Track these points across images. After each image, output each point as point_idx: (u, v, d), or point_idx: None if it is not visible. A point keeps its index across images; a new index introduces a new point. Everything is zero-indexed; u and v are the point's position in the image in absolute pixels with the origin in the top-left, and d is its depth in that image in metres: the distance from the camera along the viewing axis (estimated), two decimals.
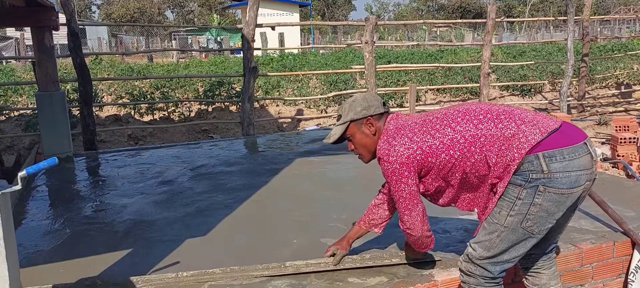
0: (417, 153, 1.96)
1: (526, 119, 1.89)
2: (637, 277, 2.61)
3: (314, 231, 2.98)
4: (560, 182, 1.81)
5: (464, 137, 1.92)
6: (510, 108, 1.98)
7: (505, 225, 1.89)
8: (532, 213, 1.85)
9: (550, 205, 1.84)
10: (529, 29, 32.19)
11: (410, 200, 2.02)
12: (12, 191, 1.78)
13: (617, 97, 12.24)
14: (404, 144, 1.97)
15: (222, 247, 2.82)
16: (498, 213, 1.91)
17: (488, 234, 1.94)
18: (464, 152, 1.92)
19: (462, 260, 2.05)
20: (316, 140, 6.01)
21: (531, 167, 1.82)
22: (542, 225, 1.88)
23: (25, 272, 2.44)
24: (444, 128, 1.95)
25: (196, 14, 48.90)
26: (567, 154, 1.81)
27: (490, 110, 1.96)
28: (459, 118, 1.95)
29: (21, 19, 5.47)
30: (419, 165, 1.98)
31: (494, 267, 1.96)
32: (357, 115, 2.12)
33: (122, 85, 10.41)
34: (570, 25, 9.52)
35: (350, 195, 3.77)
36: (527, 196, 1.84)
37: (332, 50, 16.87)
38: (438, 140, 1.94)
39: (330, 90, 11.08)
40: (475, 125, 1.92)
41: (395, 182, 2.00)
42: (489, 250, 1.94)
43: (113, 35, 36.40)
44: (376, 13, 57.37)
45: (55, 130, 5.52)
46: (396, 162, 1.97)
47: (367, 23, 7.99)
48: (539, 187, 1.82)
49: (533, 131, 1.83)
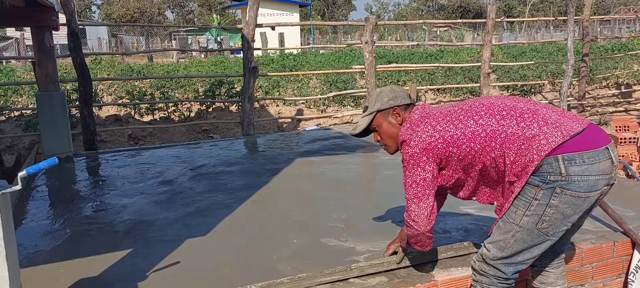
0: (438, 141, 1.96)
1: (550, 119, 1.86)
2: (637, 277, 2.61)
3: (314, 231, 2.98)
4: (578, 185, 1.80)
5: (485, 131, 1.91)
6: (536, 106, 1.94)
7: (521, 225, 1.88)
8: (548, 214, 1.84)
9: (567, 208, 1.83)
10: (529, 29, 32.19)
11: (423, 189, 1.98)
12: (12, 191, 1.78)
13: (617, 97, 12.24)
14: (427, 131, 1.98)
15: (222, 247, 2.82)
16: (514, 213, 1.90)
17: (503, 234, 1.94)
18: (484, 146, 1.92)
19: (475, 260, 2.06)
20: (316, 140, 6.01)
21: (550, 168, 1.81)
22: (557, 227, 1.87)
23: (25, 272, 2.44)
24: (467, 120, 1.95)
25: (196, 14, 48.90)
26: (587, 158, 1.79)
27: (516, 107, 1.93)
28: (483, 111, 1.95)
29: (21, 19, 5.46)
30: (440, 153, 1.97)
31: (508, 267, 1.96)
32: (384, 105, 2.15)
33: (122, 85, 10.41)
34: (570, 25, 9.52)
35: (350, 195, 3.77)
36: (544, 197, 1.83)
37: (332, 50, 16.87)
38: (460, 131, 1.94)
39: (330, 90, 11.08)
40: (498, 120, 1.91)
41: (412, 167, 1.99)
42: (503, 251, 1.93)
43: (113, 35, 36.41)
44: (376, 13, 57.37)
45: (55, 130, 5.52)
46: (417, 146, 1.97)
47: (367, 23, 7.98)
48: (555, 188, 1.81)
49: (554, 133, 1.81)
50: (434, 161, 1.98)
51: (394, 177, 4.21)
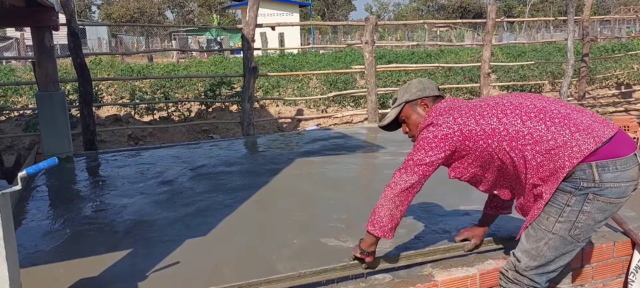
0: (456, 134, 1.97)
1: (581, 125, 1.83)
2: (637, 277, 2.61)
3: (314, 231, 2.98)
4: (610, 192, 1.80)
5: (506, 130, 1.90)
6: (567, 109, 1.91)
7: (554, 232, 1.87)
8: (580, 221, 1.84)
9: (598, 214, 1.83)
10: (529, 29, 32.19)
11: (417, 168, 1.99)
12: (12, 191, 1.78)
13: (617, 97, 12.23)
14: (447, 123, 1.99)
15: (222, 247, 2.82)
16: (546, 220, 1.88)
17: (535, 242, 1.91)
18: (503, 144, 1.90)
19: (507, 269, 2.03)
20: (316, 140, 6.01)
21: (583, 175, 1.80)
22: (588, 233, 1.88)
23: (25, 272, 2.44)
24: (490, 117, 1.94)
25: (196, 14, 48.90)
26: (620, 165, 1.80)
27: (546, 109, 1.90)
28: (509, 110, 1.93)
29: (21, 19, 5.46)
30: (454, 146, 1.98)
31: (541, 277, 1.95)
32: (412, 97, 2.18)
33: (122, 85, 10.41)
34: (570, 25, 9.51)
35: (350, 195, 3.77)
36: (577, 203, 1.82)
37: (332, 50, 16.87)
38: (480, 127, 1.94)
39: (330, 90, 11.08)
40: (523, 121, 1.88)
41: (420, 148, 2.00)
42: (536, 259, 1.92)
43: (113, 36, 36.41)
44: (376, 13, 57.37)
45: (55, 130, 5.52)
46: (433, 133, 1.99)
47: (367, 23, 7.98)
48: (588, 195, 1.81)
49: (587, 140, 1.79)
50: (445, 152, 1.99)
51: None
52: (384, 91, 10.67)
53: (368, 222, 2.10)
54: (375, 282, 2.29)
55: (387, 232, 2.06)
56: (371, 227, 2.07)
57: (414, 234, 2.83)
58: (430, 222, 3.02)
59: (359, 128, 7.12)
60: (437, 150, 1.98)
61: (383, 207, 2.03)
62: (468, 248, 2.39)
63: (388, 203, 2.02)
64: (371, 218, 2.08)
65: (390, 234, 2.07)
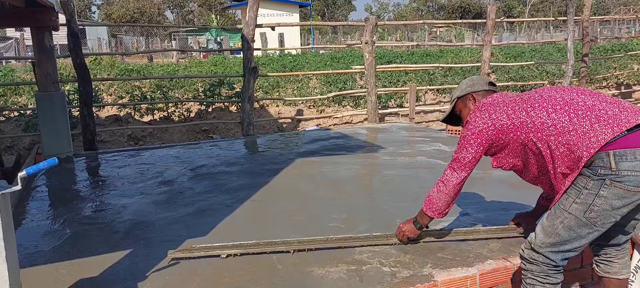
0: (490, 129, 2.17)
1: (605, 115, 1.91)
2: (637, 277, 2.61)
3: (314, 231, 2.98)
4: (628, 180, 1.85)
5: (533, 122, 2.05)
6: (595, 100, 2.00)
7: (570, 211, 1.95)
8: (596, 204, 1.90)
9: (616, 200, 1.87)
10: (528, 29, 32.20)
11: (463, 165, 2.24)
12: (12, 191, 1.78)
13: (617, 97, 12.24)
14: (483, 119, 2.19)
15: None
16: (565, 200, 1.98)
17: (552, 219, 2.01)
18: (530, 136, 2.05)
19: (524, 248, 2.13)
20: (316, 140, 6.01)
21: (601, 163, 1.88)
22: (605, 219, 1.92)
23: (25, 272, 2.44)
24: (520, 111, 2.10)
25: (196, 14, 48.91)
26: (639, 155, 1.84)
27: (573, 100, 2.01)
28: (537, 104, 2.08)
29: (21, 19, 5.46)
30: (490, 140, 2.19)
31: (556, 255, 2.02)
32: (462, 92, 2.39)
33: (122, 85, 10.41)
34: (570, 25, 9.52)
35: (350, 195, 3.77)
36: (594, 187, 1.89)
37: (332, 50, 16.87)
38: (511, 121, 2.12)
39: (330, 90, 11.08)
40: (549, 113, 2.02)
41: (462, 146, 2.24)
42: (551, 237, 2.00)
43: (113, 36, 36.41)
44: (376, 13, 57.36)
45: (55, 130, 5.52)
46: (472, 131, 2.21)
47: (367, 23, 7.98)
48: (606, 180, 1.87)
49: (605, 130, 1.87)
50: (483, 146, 2.21)
51: (394, 177, 4.21)
52: (384, 91, 10.68)
53: (425, 207, 2.41)
54: (375, 282, 2.29)
55: (443, 214, 2.40)
56: (430, 212, 2.39)
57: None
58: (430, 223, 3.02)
59: (359, 128, 7.12)
60: (476, 146, 2.21)
61: (440, 199, 2.33)
62: (520, 232, 2.65)
63: (444, 197, 2.32)
64: (429, 205, 2.38)
65: (445, 215, 2.42)
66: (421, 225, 2.51)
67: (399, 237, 2.61)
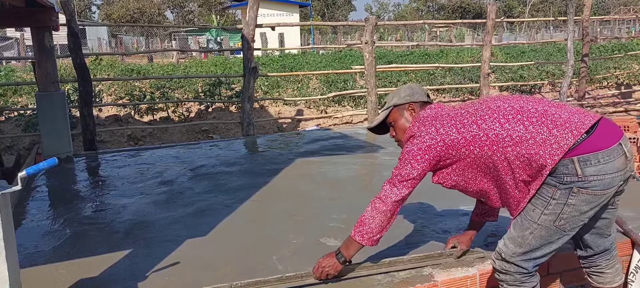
0: (439, 144, 2.01)
1: (559, 120, 1.86)
2: (637, 277, 2.61)
3: (314, 231, 2.98)
4: (594, 185, 1.82)
5: (486, 135, 1.94)
6: (545, 105, 1.95)
7: (539, 222, 1.91)
8: (565, 212, 1.87)
9: (583, 205, 1.86)
10: (528, 29, 32.20)
11: (406, 181, 2.04)
12: (12, 191, 1.78)
13: (617, 97, 12.24)
14: (430, 133, 2.03)
15: (222, 247, 2.82)
16: (532, 211, 1.93)
17: (521, 231, 1.96)
18: (485, 150, 1.94)
19: (494, 259, 2.07)
20: (316, 140, 6.01)
21: (566, 170, 1.83)
22: (574, 223, 1.90)
23: (25, 272, 2.44)
24: (470, 124, 1.98)
25: (196, 14, 48.90)
26: (602, 158, 1.81)
27: (523, 108, 1.93)
28: (487, 115, 1.96)
29: (21, 19, 5.46)
30: (438, 156, 2.03)
31: (527, 263, 1.98)
32: (400, 101, 2.22)
33: (122, 85, 10.41)
34: (570, 25, 9.51)
35: (350, 195, 3.77)
36: (562, 196, 1.86)
37: (332, 50, 16.87)
38: (461, 135, 1.98)
39: (330, 90, 11.08)
40: (502, 124, 1.92)
41: (406, 162, 2.05)
42: (521, 246, 1.96)
43: (113, 36, 36.41)
44: (376, 13, 57.35)
45: (55, 130, 5.52)
46: (417, 146, 2.03)
47: (367, 23, 7.98)
48: (573, 188, 1.83)
49: (565, 135, 1.82)
50: (430, 162, 2.04)
51: None
52: (384, 91, 10.67)
53: (354, 232, 2.12)
54: (375, 282, 2.29)
55: (375, 241, 2.12)
56: (359, 237, 2.10)
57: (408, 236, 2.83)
58: (430, 222, 3.02)
59: (359, 128, 7.12)
60: (423, 162, 2.03)
61: (374, 219, 2.08)
62: (457, 255, 2.43)
63: (379, 216, 2.07)
64: (359, 228, 2.11)
65: (376, 243, 2.13)
66: (345, 258, 2.17)
67: (316, 274, 2.23)
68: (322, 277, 2.22)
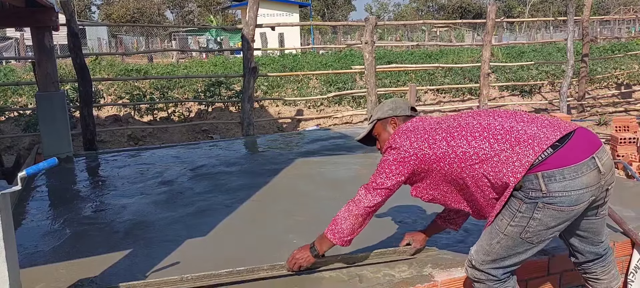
0: (412, 158, 2.06)
1: (523, 136, 1.86)
2: (636, 277, 2.61)
3: (314, 231, 2.96)
4: (560, 201, 1.80)
5: (454, 153, 1.96)
6: (513, 121, 1.94)
7: (505, 233, 1.91)
8: (531, 226, 1.86)
9: (550, 221, 1.84)
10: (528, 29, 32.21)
11: (380, 190, 2.12)
12: (12, 191, 1.78)
13: (617, 97, 12.24)
14: (404, 146, 2.07)
15: (222, 247, 2.82)
16: (500, 221, 1.92)
17: (489, 240, 1.96)
18: (454, 166, 1.97)
19: (467, 267, 2.07)
20: (316, 140, 6.01)
21: (531, 185, 1.82)
22: (541, 237, 1.89)
23: (25, 272, 2.44)
24: (441, 141, 2.00)
25: (196, 14, 48.90)
26: (568, 174, 1.78)
27: (490, 126, 1.94)
28: (456, 132, 1.98)
29: (21, 19, 5.47)
30: (412, 169, 2.08)
31: (497, 271, 1.98)
32: (383, 115, 2.28)
33: (122, 85, 10.41)
34: (570, 25, 9.52)
35: (350, 195, 3.71)
36: (527, 210, 1.85)
37: (332, 50, 16.87)
38: (432, 151, 2.01)
39: (330, 90, 11.08)
40: (469, 142, 1.94)
41: (382, 171, 2.12)
42: (489, 255, 1.96)
43: (113, 36, 36.40)
44: (376, 13, 57.34)
45: (55, 130, 5.52)
46: (393, 156, 2.09)
47: (367, 23, 7.98)
48: (538, 203, 1.82)
49: (526, 153, 1.82)
50: (404, 175, 2.09)
51: None
52: (384, 91, 10.67)
53: (328, 229, 2.21)
54: (375, 282, 2.29)
55: (346, 242, 2.20)
56: (331, 235, 2.19)
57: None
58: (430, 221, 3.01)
59: (359, 128, 7.12)
60: (396, 174, 2.09)
61: (346, 221, 2.16)
62: (410, 253, 2.49)
63: (351, 218, 2.15)
64: (332, 227, 2.20)
65: (348, 243, 2.21)
66: (318, 252, 2.26)
67: (289, 265, 2.32)
68: (294, 269, 2.32)
